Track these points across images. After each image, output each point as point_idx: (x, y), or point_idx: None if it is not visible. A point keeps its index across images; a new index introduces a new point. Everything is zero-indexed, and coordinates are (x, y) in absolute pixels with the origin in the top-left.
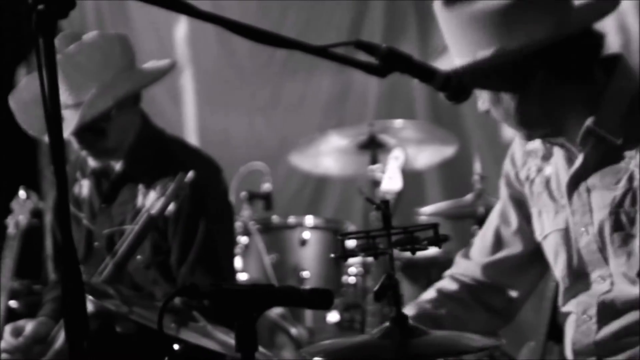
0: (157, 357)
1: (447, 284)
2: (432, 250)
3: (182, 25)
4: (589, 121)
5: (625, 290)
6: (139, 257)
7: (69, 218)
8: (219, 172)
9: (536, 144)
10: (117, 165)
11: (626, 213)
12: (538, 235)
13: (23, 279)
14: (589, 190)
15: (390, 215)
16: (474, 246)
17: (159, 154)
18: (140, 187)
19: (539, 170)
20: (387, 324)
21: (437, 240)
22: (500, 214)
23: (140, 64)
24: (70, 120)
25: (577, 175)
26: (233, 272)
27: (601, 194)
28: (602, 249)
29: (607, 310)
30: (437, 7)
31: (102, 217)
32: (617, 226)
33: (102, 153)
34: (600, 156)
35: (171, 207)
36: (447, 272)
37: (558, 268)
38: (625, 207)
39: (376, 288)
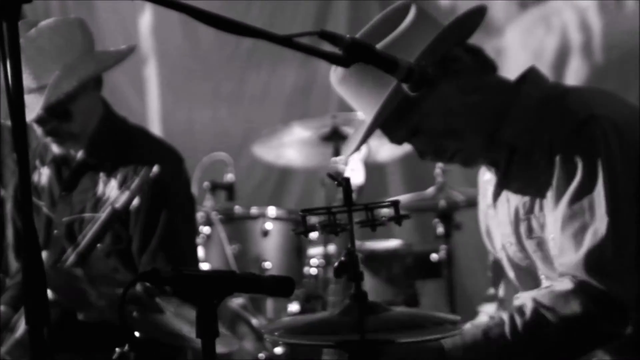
0: (118, 345)
1: None
2: (393, 243)
3: (146, 15)
4: (503, 134)
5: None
6: (98, 245)
7: (31, 205)
8: (181, 162)
9: (488, 175)
10: (79, 154)
11: (536, 218)
12: (495, 251)
13: None
14: (508, 201)
15: (351, 191)
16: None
17: (120, 142)
18: (101, 175)
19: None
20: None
21: (397, 217)
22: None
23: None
24: (33, 105)
25: (497, 188)
26: (196, 261)
27: (514, 202)
28: (527, 256)
29: None
30: (335, 82)
31: (62, 205)
32: (529, 232)
33: (67, 138)
34: (516, 166)
35: (135, 201)
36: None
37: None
38: (535, 212)
39: (336, 264)
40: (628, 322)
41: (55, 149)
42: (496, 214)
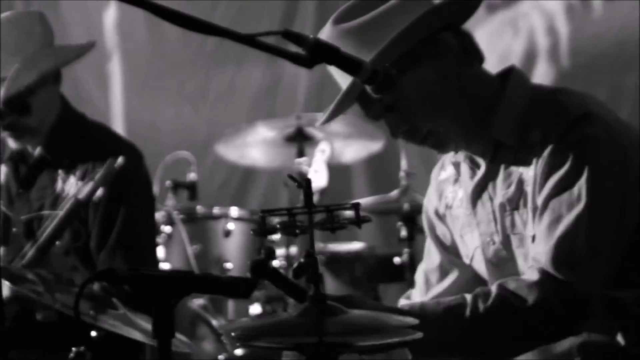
0: (74, 344)
1: None
2: (356, 246)
3: (111, 11)
4: (492, 130)
5: None
6: (57, 242)
7: None
8: (141, 158)
9: (448, 172)
10: (36, 150)
11: (520, 215)
12: (466, 259)
13: None
14: (491, 199)
15: (311, 193)
16: (415, 286)
17: (79, 137)
18: (60, 172)
19: (454, 195)
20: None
21: (357, 220)
22: (426, 251)
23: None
24: None
25: (479, 184)
26: (154, 259)
27: (501, 200)
28: (510, 255)
29: None
30: (326, 29)
31: (19, 203)
32: (512, 228)
33: (24, 133)
34: (501, 162)
35: (98, 193)
36: None
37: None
38: (520, 208)
39: (294, 266)
40: (588, 317)
41: (11, 144)
42: (475, 212)
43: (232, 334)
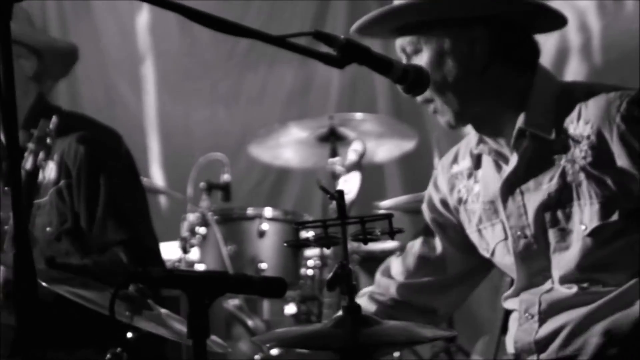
0: (110, 345)
1: (365, 303)
2: (390, 244)
3: (144, 14)
4: (520, 122)
5: (563, 289)
6: (48, 229)
7: (21, 202)
8: (118, 138)
9: (462, 166)
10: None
11: (562, 209)
12: (485, 252)
13: None
14: (522, 193)
15: (344, 205)
16: (394, 265)
17: (57, 123)
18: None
19: (469, 190)
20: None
21: (391, 232)
22: (424, 239)
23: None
24: None
25: (510, 177)
26: (150, 229)
27: (535, 194)
28: (542, 249)
29: (548, 310)
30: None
31: (6, 201)
32: (554, 222)
33: None
34: (533, 155)
35: (54, 169)
36: (366, 290)
37: (512, 274)
38: (561, 202)
39: (329, 277)
40: None
41: None
42: (505, 207)
43: (267, 345)
